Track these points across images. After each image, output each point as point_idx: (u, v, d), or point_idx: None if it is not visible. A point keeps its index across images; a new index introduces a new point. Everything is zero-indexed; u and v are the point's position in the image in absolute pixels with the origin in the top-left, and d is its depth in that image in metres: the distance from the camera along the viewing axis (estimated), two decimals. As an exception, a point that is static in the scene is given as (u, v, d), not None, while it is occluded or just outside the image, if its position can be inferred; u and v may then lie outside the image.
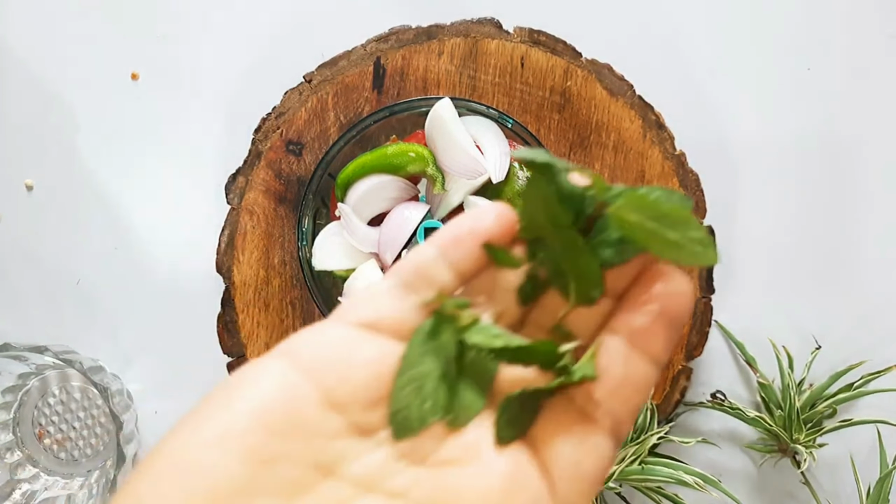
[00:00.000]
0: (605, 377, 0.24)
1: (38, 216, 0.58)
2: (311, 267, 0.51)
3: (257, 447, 0.21)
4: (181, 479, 0.21)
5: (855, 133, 0.56)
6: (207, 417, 0.22)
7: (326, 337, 0.24)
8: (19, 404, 0.57)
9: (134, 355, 0.58)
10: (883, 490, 0.50)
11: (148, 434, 0.58)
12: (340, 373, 0.23)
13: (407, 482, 0.23)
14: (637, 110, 0.54)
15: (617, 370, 0.24)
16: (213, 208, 0.56)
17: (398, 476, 0.23)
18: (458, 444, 0.23)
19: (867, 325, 0.56)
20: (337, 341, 0.23)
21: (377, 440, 0.23)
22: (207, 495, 0.20)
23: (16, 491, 0.55)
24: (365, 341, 0.23)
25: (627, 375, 0.24)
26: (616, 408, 0.24)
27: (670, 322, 0.24)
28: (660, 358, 0.24)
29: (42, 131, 0.57)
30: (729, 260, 0.56)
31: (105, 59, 0.57)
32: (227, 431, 0.21)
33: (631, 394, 0.24)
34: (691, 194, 0.54)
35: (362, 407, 0.23)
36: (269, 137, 0.54)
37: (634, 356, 0.24)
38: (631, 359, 0.24)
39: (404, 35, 0.54)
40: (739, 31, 0.56)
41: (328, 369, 0.23)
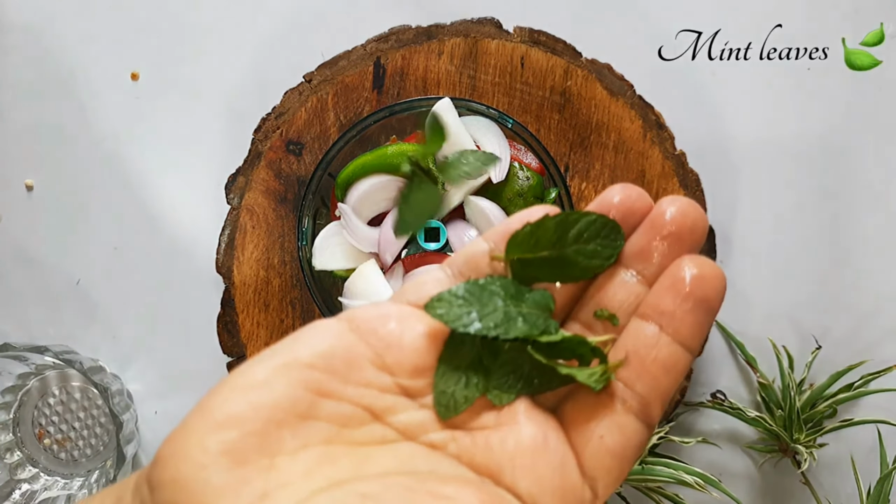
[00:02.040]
0: (632, 359, 0.25)
1: (38, 216, 0.58)
2: (311, 267, 0.51)
3: (317, 381, 0.24)
4: (248, 394, 0.23)
5: (855, 133, 0.56)
6: (273, 354, 0.24)
7: (383, 310, 0.26)
8: (19, 404, 0.57)
9: (134, 355, 0.58)
10: (883, 490, 0.50)
11: (148, 434, 0.57)
12: (392, 340, 0.25)
13: (444, 438, 0.25)
14: (637, 110, 0.54)
15: (644, 352, 0.25)
16: (213, 208, 0.56)
17: (437, 433, 0.25)
18: (492, 415, 0.25)
19: (867, 325, 0.56)
20: (392, 314, 0.26)
21: (421, 403, 0.25)
22: (269, 410, 0.23)
23: (16, 491, 0.55)
24: (416, 318, 0.26)
25: (655, 358, 0.24)
26: (643, 390, 0.24)
27: (698, 304, 0.24)
28: (688, 340, 0.24)
29: (42, 131, 0.57)
30: (729, 260, 0.56)
31: (105, 59, 0.57)
32: (292, 363, 0.24)
33: (659, 376, 0.24)
34: (691, 194, 0.54)
35: (408, 373, 0.25)
36: (269, 137, 0.54)
37: (663, 339, 0.24)
38: (659, 341, 0.24)
39: (404, 35, 0.54)
40: (739, 31, 0.56)
41: (381, 335, 0.25)
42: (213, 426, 0.23)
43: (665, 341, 0.24)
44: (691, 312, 0.24)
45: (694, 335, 0.24)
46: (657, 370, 0.24)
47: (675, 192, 0.54)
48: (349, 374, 0.24)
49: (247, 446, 0.22)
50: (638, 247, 0.26)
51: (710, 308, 0.24)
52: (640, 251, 0.26)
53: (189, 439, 0.22)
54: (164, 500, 0.22)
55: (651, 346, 0.24)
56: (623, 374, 0.25)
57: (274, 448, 0.22)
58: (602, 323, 0.26)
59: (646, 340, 0.25)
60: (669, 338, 0.24)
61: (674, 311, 0.24)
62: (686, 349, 0.25)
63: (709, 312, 0.24)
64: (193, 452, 0.22)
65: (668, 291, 0.25)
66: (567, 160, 0.55)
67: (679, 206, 0.25)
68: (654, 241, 0.26)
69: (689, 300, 0.24)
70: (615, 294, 0.26)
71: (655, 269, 0.26)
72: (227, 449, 0.22)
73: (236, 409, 0.23)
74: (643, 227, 0.26)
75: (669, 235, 0.25)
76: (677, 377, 0.25)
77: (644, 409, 0.25)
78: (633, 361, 0.25)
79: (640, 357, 0.25)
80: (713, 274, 0.24)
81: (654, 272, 0.26)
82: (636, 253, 0.26)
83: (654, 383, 0.24)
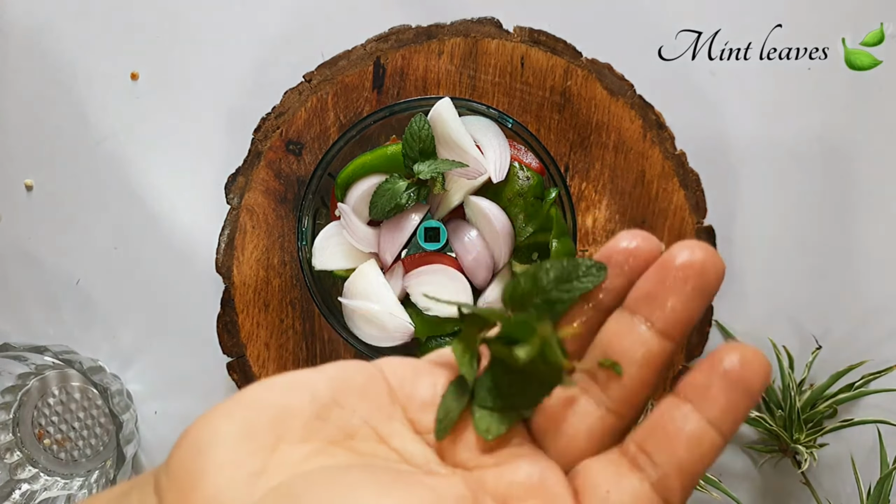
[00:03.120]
0: (657, 430, 0.24)
1: (38, 216, 0.58)
2: (311, 267, 0.51)
3: (335, 389, 0.26)
4: (273, 388, 0.25)
5: (855, 133, 0.56)
6: (300, 371, 0.26)
7: (405, 360, 0.28)
8: (19, 404, 0.57)
9: (134, 355, 0.58)
10: (883, 490, 0.50)
11: (148, 434, 0.57)
12: (408, 379, 0.27)
13: (444, 472, 0.25)
14: (637, 110, 0.54)
15: (670, 425, 0.24)
16: (213, 208, 0.56)
17: (435, 465, 0.26)
18: (492, 458, 0.26)
19: (867, 325, 0.56)
20: (412, 362, 0.28)
21: (427, 440, 0.26)
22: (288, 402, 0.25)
23: (15, 491, 0.55)
24: (432, 368, 0.28)
25: (680, 431, 0.23)
26: (662, 462, 0.24)
27: (734, 386, 0.23)
28: (722, 424, 0.23)
29: (42, 131, 0.57)
30: (729, 260, 0.56)
31: (105, 59, 0.57)
32: (318, 375, 0.26)
33: (681, 452, 0.24)
34: (691, 194, 0.54)
35: (418, 407, 0.27)
36: (269, 137, 0.54)
37: (693, 417, 0.24)
38: (688, 418, 0.24)
39: (404, 35, 0.54)
40: (739, 31, 0.56)
41: (400, 373, 0.27)
42: (237, 407, 0.24)
43: (694, 419, 0.24)
44: (727, 393, 0.23)
45: (727, 418, 0.23)
46: (680, 445, 0.23)
47: (675, 191, 0.54)
48: (365, 393, 0.26)
49: (259, 426, 0.24)
50: (644, 291, 0.25)
51: (750, 395, 0.23)
52: (646, 295, 0.25)
53: (215, 412, 0.24)
54: (175, 457, 0.24)
55: (676, 420, 0.24)
56: (646, 443, 0.24)
57: (282, 433, 0.24)
58: (606, 372, 0.25)
59: (674, 414, 0.24)
60: (700, 415, 0.24)
61: (708, 389, 0.23)
62: (718, 432, 0.23)
63: (749, 399, 0.23)
64: (215, 421, 0.24)
65: (707, 369, 0.24)
66: (567, 160, 0.55)
67: (692, 249, 0.24)
68: (662, 285, 0.25)
69: (727, 381, 0.23)
70: (621, 341, 0.25)
71: (667, 316, 0.25)
72: (242, 426, 0.24)
73: (260, 397, 0.25)
74: (652, 270, 0.25)
75: (679, 280, 0.24)
76: (702, 458, 0.24)
77: (662, 483, 0.24)
78: (658, 434, 0.24)
79: (664, 429, 0.24)
80: (759, 363, 0.23)
81: (664, 319, 0.25)
82: (643, 297, 0.25)
83: (674, 458, 0.24)
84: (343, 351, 0.55)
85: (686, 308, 0.25)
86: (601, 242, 0.55)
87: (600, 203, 0.55)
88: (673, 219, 0.54)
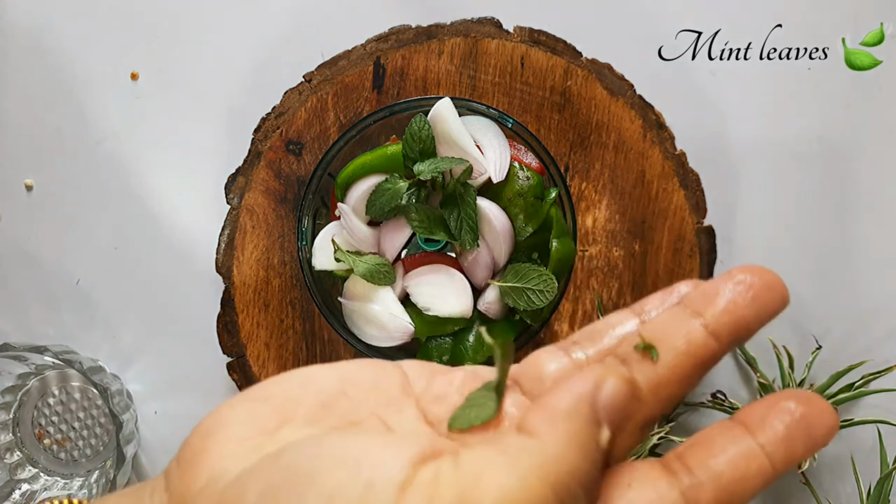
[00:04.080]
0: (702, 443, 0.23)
1: (38, 216, 0.58)
2: (311, 267, 0.51)
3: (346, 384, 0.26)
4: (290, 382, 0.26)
5: (855, 133, 0.56)
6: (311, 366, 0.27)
7: (424, 362, 0.28)
8: (19, 404, 0.57)
9: (134, 355, 0.58)
10: (883, 490, 0.50)
11: (148, 434, 0.57)
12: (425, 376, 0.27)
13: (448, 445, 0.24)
14: (637, 110, 0.54)
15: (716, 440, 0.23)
16: (213, 208, 0.56)
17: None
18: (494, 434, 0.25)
19: (867, 325, 0.56)
20: (432, 364, 0.28)
21: (437, 430, 0.26)
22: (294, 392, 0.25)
23: (15, 491, 0.55)
24: (451, 368, 0.28)
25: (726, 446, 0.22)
26: (700, 470, 0.22)
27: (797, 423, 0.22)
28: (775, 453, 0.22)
29: (42, 131, 0.57)
30: (729, 260, 0.56)
31: (105, 59, 0.57)
32: (328, 369, 0.26)
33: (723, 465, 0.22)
34: (691, 194, 0.54)
35: (432, 399, 0.26)
36: (269, 137, 0.54)
37: (745, 438, 0.22)
38: (739, 438, 0.22)
39: (404, 35, 0.54)
40: (739, 31, 0.56)
41: (417, 370, 0.27)
42: (244, 398, 0.25)
43: (746, 440, 0.22)
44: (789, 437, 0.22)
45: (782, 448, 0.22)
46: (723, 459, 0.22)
47: (675, 191, 0.54)
48: (376, 387, 0.26)
49: (264, 412, 0.24)
50: (703, 290, 0.25)
51: (809, 446, 0.23)
52: (703, 293, 0.24)
53: (223, 404, 0.25)
54: (183, 445, 0.24)
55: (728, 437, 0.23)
56: (686, 454, 0.23)
57: (285, 418, 0.24)
58: (641, 355, 0.24)
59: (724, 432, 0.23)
60: (752, 438, 0.22)
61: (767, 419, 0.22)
62: (769, 459, 0.22)
63: (806, 449, 0.23)
64: (222, 410, 0.25)
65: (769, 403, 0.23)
66: (567, 160, 0.55)
67: (764, 271, 0.24)
68: (724, 287, 0.24)
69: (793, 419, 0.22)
70: (664, 327, 0.24)
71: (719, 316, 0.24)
72: (248, 412, 0.24)
73: (267, 390, 0.25)
74: (719, 277, 0.25)
75: (743, 286, 0.24)
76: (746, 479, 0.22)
77: (694, 491, 0.22)
78: (701, 446, 0.23)
79: (710, 444, 0.23)
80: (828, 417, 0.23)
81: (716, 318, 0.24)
82: (700, 295, 0.24)
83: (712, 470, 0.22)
84: (343, 351, 0.55)
85: (741, 314, 0.24)
86: (601, 242, 0.55)
87: (600, 203, 0.55)
88: (673, 219, 0.54)
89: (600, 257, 0.55)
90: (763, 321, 0.24)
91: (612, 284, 0.55)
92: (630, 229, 0.55)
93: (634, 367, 0.24)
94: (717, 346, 0.24)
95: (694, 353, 0.24)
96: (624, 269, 0.55)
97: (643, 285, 0.55)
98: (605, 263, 0.55)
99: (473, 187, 0.49)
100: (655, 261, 0.55)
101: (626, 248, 0.55)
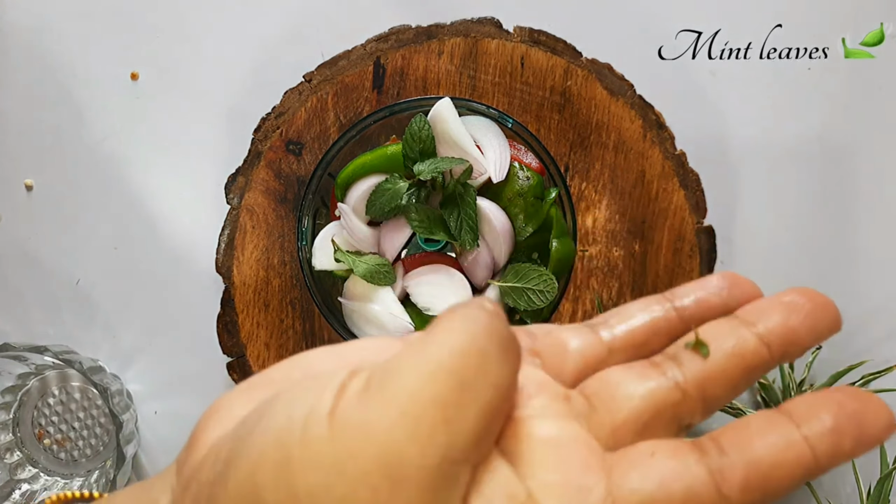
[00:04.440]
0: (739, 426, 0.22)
1: (38, 216, 0.58)
2: (311, 267, 0.51)
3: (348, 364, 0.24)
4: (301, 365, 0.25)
5: (855, 133, 0.56)
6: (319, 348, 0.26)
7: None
8: (19, 404, 0.57)
9: (134, 355, 0.58)
10: (883, 490, 0.50)
11: (148, 434, 0.57)
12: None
13: None
14: (637, 110, 0.54)
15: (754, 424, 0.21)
16: (213, 208, 0.56)
17: None
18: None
19: (867, 325, 0.56)
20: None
21: None
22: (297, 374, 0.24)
23: (15, 491, 0.55)
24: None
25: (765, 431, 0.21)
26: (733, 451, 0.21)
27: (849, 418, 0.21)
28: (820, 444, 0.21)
29: (42, 131, 0.57)
30: (729, 260, 0.56)
31: (105, 59, 0.57)
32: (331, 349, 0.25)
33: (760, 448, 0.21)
34: (691, 194, 0.54)
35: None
36: (269, 137, 0.54)
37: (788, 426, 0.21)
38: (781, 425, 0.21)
39: (404, 35, 0.54)
40: (739, 31, 0.56)
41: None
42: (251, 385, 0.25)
43: (789, 428, 0.21)
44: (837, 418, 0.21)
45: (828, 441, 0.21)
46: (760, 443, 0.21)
47: (675, 191, 0.54)
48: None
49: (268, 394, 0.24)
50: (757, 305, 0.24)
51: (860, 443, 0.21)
52: (757, 308, 0.24)
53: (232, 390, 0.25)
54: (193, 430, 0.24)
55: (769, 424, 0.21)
56: (721, 436, 0.22)
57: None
58: (691, 352, 0.24)
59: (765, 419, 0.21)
60: (795, 427, 0.21)
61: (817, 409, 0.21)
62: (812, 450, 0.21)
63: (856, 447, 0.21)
64: (226, 395, 0.24)
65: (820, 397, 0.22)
66: (567, 160, 0.55)
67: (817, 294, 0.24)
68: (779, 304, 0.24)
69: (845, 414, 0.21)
70: (715, 331, 0.24)
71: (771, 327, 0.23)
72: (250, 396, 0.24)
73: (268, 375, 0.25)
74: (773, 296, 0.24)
75: (797, 305, 0.23)
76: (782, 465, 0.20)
77: (723, 472, 0.21)
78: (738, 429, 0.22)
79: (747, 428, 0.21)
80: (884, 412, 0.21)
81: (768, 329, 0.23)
82: (754, 308, 0.24)
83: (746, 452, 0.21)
84: (343, 351, 0.55)
85: (793, 329, 0.23)
86: (601, 242, 0.55)
87: (600, 203, 0.55)
88: (673, 219, 0.54)
89: (600, 257, 0.55)
90: (816, 340, 0.23)
91: (612, 284, 0.55)
92: (630, 229, 0.55)
93: (684, 362, 0.23)
94: (767, 355, 0.23)
95: (744, 355, 0.23)
96: (624, 269, 0.55)
97: (643, 285, 0.55)
98: (605, 263, 0.55)
99: (473, 187, 0.49)
100: (655, 261, 0.55)
101: (626, 248, 0.55)
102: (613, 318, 0.25)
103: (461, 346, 0.20)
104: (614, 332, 0.25)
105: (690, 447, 0.22)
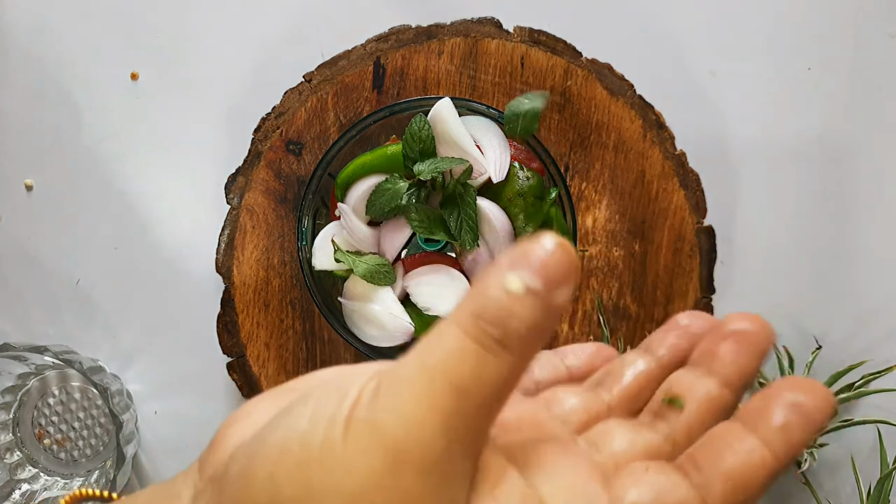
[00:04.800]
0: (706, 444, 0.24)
1: (38, 216, 0.58)
2: (311, 267, 0.51)
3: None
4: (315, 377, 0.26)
5: (855, 133, 0.56)
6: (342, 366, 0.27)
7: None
8: (19, 404, 0.57)
9: (134, 355, 0.58)
10: (883, 490, 0.50)
11: (148, 434, 0.57)
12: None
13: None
14: (637, 110, 0.54)
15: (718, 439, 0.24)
16: (213, 208, 0.56)
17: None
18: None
19: (867, 325, 0.56)
20: None
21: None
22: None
23: (15, 491, 0.55)
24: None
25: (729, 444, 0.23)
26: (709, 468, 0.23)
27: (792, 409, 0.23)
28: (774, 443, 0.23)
29: (42, 131, 0.57)
30: (729, 260, 0.56)
31: (105, 59, 0.57)
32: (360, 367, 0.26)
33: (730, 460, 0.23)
34: (691, 194, 0.54)
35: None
36: (269, 137, 0.54)
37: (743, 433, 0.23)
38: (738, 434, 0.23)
39: (404, 35, 0.54)
40: (740, 31, 0.56)
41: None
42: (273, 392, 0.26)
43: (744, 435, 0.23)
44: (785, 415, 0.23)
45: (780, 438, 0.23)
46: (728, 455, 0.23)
47: (675, 191, 0.54)
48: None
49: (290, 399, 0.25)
50: (704, 349, 0.26)
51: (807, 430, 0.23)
52: (706, 352, 0.26)
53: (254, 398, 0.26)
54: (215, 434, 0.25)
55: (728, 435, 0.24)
56: (694, 455, 0.24)
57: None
58: (669, 408, 0.26)
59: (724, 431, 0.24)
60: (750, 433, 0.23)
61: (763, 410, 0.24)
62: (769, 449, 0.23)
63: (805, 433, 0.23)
64: (249, 402, 0.26)
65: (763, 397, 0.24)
66: (567, 160, 0.55)
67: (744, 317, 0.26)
68: (721, 342, 0.26)
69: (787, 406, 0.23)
70: (681, 382, 0.26)
71: (726, 368, 0.26)
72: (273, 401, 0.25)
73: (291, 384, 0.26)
74: (711, 335, 0.26)
75: (735, 338, 0.26)
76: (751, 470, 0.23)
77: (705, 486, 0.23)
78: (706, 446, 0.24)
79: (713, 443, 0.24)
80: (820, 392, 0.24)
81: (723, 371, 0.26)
82: (703, 353, 0.26)
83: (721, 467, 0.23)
84: (343, 351, 0.55)
85: (743, 363, 0.26)
86: (601, 242, 0.55)
87: (600, 203, 0.55)
88: (673, 219, 0.54)
89: (600, 257, 0.55)
90: (761, 363, 0.26)
91: (612, 284, 0.55)
92: (630, 229, 0.55)
93: (668, 419, 0.26)
94: (730, 394, 0.26)
95: (712, 400, 0.26)
96: (624, 269, 0.55)
97: (643, 285, 0.55)
98: (605, 263, 0.55)
99: (473, 187, 0.49)
100: (655, 261, 0.55)
101: (626, 248, 0.55)
102: (608, 379, 0.28)
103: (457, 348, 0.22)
104: (612, 392, 0.28)
105: (674, 467, 0.24)
